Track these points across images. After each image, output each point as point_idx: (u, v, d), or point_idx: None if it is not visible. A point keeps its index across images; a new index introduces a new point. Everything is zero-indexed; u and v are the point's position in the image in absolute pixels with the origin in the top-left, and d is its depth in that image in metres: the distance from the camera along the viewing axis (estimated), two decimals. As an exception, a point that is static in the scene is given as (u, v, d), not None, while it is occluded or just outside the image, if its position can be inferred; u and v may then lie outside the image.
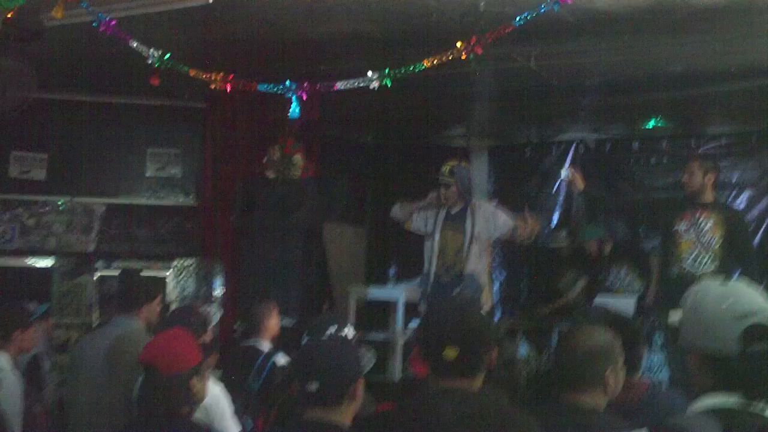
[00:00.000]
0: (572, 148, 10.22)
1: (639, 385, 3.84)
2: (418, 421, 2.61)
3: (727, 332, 2.20)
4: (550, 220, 10.25)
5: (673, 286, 6.44)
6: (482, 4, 5.40)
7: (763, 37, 6.06)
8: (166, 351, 3.37)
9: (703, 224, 6.63)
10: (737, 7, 5.42)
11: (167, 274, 8.89)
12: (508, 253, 10.57)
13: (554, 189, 10.33)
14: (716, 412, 2.18)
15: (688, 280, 6.05)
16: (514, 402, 3.76)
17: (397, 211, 7.57)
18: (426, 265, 7.39)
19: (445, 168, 7.22)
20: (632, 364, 3.76)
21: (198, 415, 4.22)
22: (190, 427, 3.42)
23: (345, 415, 3.07)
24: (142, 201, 9.01)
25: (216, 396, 4.40)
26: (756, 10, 5.48)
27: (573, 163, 9.81)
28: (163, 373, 3.29)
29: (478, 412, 2.61)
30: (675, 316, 2.42)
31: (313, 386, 3.03)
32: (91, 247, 8.82)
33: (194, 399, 3.44)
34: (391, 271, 8.92)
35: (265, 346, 5.74)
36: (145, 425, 3.35)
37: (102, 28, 5.23)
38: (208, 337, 4.66)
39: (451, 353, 2.64)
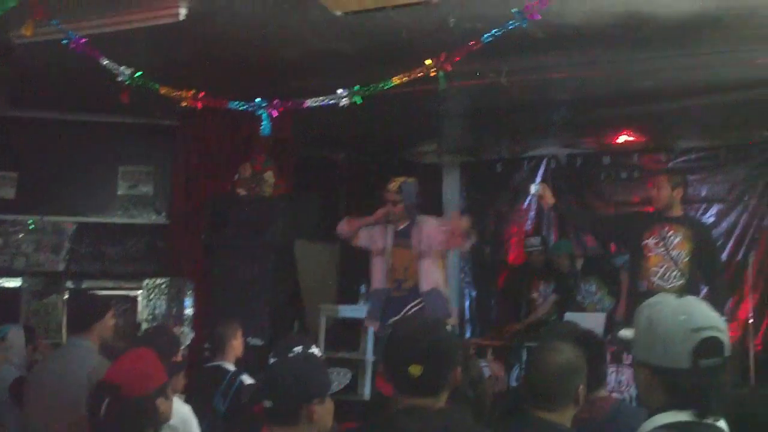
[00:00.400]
0: (543, 164, 10.26)
1: (604, 400, 3.85)
2: None
3: (681, 346, 2.20)
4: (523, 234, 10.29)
5: (642, 301, 6.44)
6: (452, 20, 5.43)
7: (729, 52, 6.13)
8: (131, 372, 3.31)
9: (671, 239, 6.66)
10: (703, 23, 5.48)
11: (138, 293, 8.83)
12: (478, 270, 10.61)
13: (526, 204, 10.35)
14: (672, 426, 2.19)
15: (656, 294, 6.07)
16: (481, 420, 3.77)
17: (343, 226, 7.54)
18: (375, 282, 7.40)
19: (393, 185, 7.22)
20: (597, 380, 3.78)
21: (168, 436, 4.21)
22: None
23: None
24: (114, 219, 8.94)
25: (184, 417, 4.37)
26: (722, 25, 5.55)
27: (543, 179, 9.87)
28: (127, 395, 3.23)
29: (443, 429, 2.59)
30: (626, 332, 2.43)
31: (267, 404, 3.03)
32: (61, 267, 8.75)
33: (159, 420, 3.40)
34: (362, 289, 8.88)
35: (230, 366, 5.73)
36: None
37: (72, 46, 5.20)
38: (178, 358, 4.62)
39: (415, 371, 2.62)
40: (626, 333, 2.45)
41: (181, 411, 4.37)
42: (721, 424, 2.24)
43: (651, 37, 5.82)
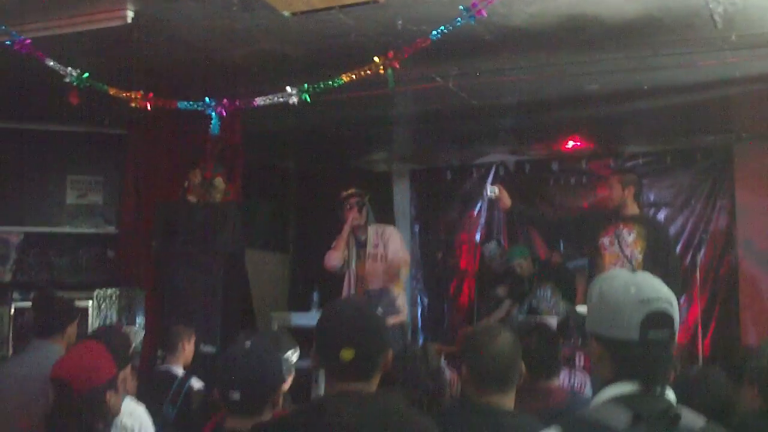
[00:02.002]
0: (492, 170, 10.33)
1: (558, 391, 3.88)
2: (316, 424, 2.56)
3: (630, 318, 2.22)
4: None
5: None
6: (399, 22, 5.46)
7: (671, 55, 6.23)
8: (78, 365, 3.28)
9: (625, 237, 6.77)
10: (644, 25, 5.55)
11: (88, 303, 8.72)
12: (430, 276, 10.65)
13: (476, 211, 10.40)
14: (621, 399, 2.22)
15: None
16: (440, 409, 3.79)
17: (333, 261, 7.51)
18: (344, 293, 7.45)
19: (349, 191, 7.32)
20: (551, 369, 3.82)
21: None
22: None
23: None
24: (62, 229, 8.83)
25: (140, 416, 4.34)
26: (663, 28, 5.63)
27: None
28: (75, 389, 3.20)
29: (376, 414, 2.57)
30: (582, 308, 2.45)
31: (235, 395, 3.02)
32: (7, 278, 8.61)
33: (109, 413, 3.37)
34: (315, 296, 8.90)
35: (179, 370, 5.69)
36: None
37: (17, 47, 5.14)
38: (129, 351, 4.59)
39: (347, 355, 2.59)
40: (582, 309, 2.46)
41: (136, 411, 4.34)
42: (670, 394, 2.27)
43: (595, 39, 5.88)
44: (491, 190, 7.16)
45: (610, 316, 2.27)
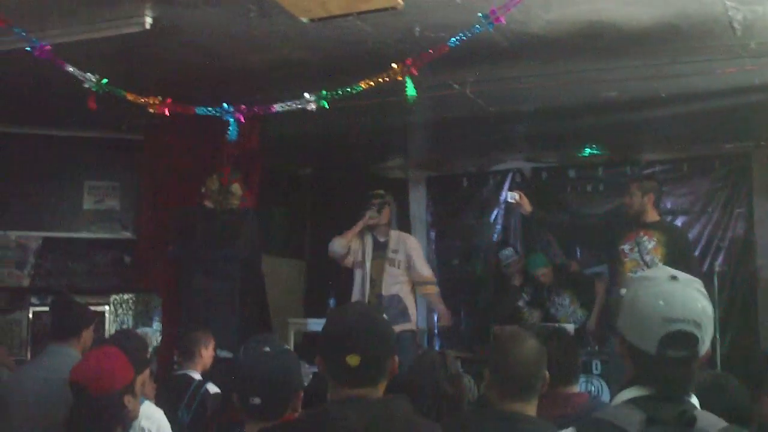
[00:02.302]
0: (509, 178, 10.31)
1: (577, 397, 3.87)
2: (322, 429, 2.56)
3: (650, 332, 2.22)
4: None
5: (618, 306, 6.51)
6: (417, 29, 5.47)
7: (689, 63, 6.21)
8: (96, 370, 3.29)
9: (645, 244, 6.77)
10: (662, 32, 5.53)
11: (105, 309, 8.77)
12: (447, 283, 10.61)
13: (492, 218, 10.39)
14: (636, 401, 2.21)
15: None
16: (460, 415, 3.78)
17: (335, 247, 7.57)
18: (355, 295, 7.45)
19: (379, 191, 7.32)
20: (568, 375, 3.80)
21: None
22: (126, 447, 3.36)
23: None
24: (80, 234, 8.88)
25: (158, 419, 4.36)
26: (681, 35, 5.61)
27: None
28: (94, 393, 3.21)
29: (382, 420, 2.55)
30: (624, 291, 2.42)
31: (256, 401, 3.01)
32: (25, 282, 8.66)
33: (128, 417, 3.38)
34: (331, 302, 8.92)
35: (197, 375, 5.70)
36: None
37: (36, 53, 5.16)
38: (146, 355, 4.61)
39: (353, 360, 2.57)
40: (624, 291, 2.44)
41: (154, 415, 4.36)
42: (692, 399, 2.27)
43: (613, 47, 5.86)
44: (511, 196, 7.18)
45: (634, 324, 2.27)
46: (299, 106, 5.17)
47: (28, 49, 5.20)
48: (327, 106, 5.12)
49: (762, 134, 8.78)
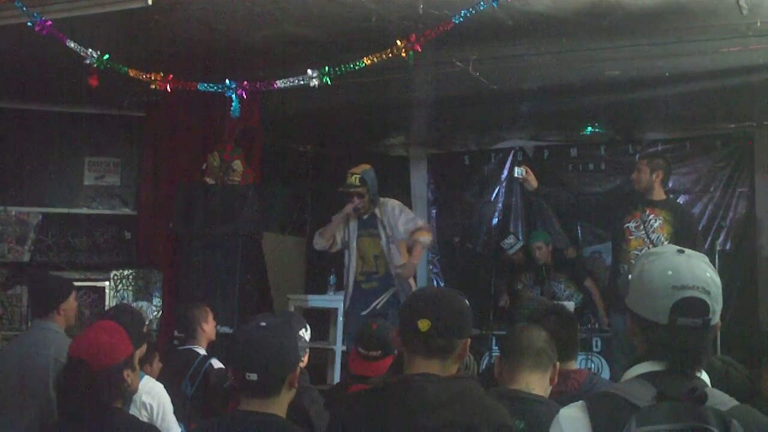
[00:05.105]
0: (510, 156, 10.29)
1: (577, 373, 3.87)
2: (401, 398, 2.63)
3: (661, 302, 2.20)
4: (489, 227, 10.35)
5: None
6: (421, 6, 5.44)
7: (694, 41, 6.18)
8: (96, 344, 3.27)
9: (651, 222, 6.76)
10: (668, 11, 5.50)
11: (105, 284, 8.78)
12: (447, 261, 10.64)
13: (493, 197, 10.38)
14: (647, 376, 2.21)
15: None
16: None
17: (319, 240, 7.58)
18: (345, 275, 7.46)
19: (353, 178, 7.23)
20: (568, 351, 3.80)
21: (143, 413, 4.20)
22: (126, 419, 3.35)
23: (281, 404, 3.06)
24: (80, 210, 8.88)
25: (159, 394, 4.38)
26: (686, 14, 5.58)
27: (510, 171, 9.90)
28: (94, 367, 3.20)
29: (456, 395, 2.63)
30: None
31: (252, 377, 3.00)
32: (26, 258, 8.67)
33: (127, 391, 3.38)
34: (331, 279, 8.93)
35: (201, 350, 5.71)
36: (78, 421, 3.21)
37: (37, 28, 5.14)
38: (143, 329, 4.61)
39: (423, 325, 2.67)
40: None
41: (154, 389, 4.38)
42: (702, 376, 2.26)
43: (617, 25, 5.83)
44: (518, 171, 7.14)
45: (644, 296, 2.25)
46: (302, 83, 5.15)
47: (29, 23, 5.16)
48: (329, 82, 5.10)
49: (765, 114, 8.76)
